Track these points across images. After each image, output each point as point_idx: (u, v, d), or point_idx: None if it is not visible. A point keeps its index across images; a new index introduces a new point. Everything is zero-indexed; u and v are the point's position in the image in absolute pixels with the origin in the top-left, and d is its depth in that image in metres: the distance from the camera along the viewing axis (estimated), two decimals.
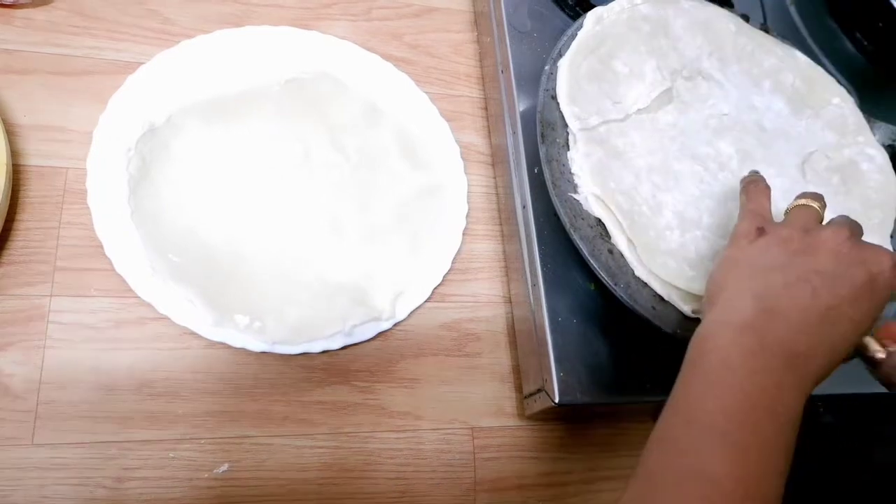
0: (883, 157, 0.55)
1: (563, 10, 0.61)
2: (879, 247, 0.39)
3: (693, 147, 0.52)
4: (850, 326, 0.37)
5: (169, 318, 0.47)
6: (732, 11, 0.61)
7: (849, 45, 0.67)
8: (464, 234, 0.57)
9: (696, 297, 0.47)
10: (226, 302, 0.49)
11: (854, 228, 0.40)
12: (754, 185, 0.44)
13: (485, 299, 0.57)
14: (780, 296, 0.36)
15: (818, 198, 0.43)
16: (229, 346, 0.48)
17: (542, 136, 0.50)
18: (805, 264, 0.37)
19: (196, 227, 0.51)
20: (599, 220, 0.48)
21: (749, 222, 0.41)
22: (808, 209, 0.41)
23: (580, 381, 0.48)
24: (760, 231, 0.40)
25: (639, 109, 0.51)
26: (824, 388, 0.52)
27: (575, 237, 0.47)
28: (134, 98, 0.52)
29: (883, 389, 0.47)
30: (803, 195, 0.43)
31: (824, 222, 0.41)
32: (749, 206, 0.43)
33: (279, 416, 0.49)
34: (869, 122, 0.57)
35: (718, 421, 0.34)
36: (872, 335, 0.42)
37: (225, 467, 0.47)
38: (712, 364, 0.36)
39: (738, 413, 0.34)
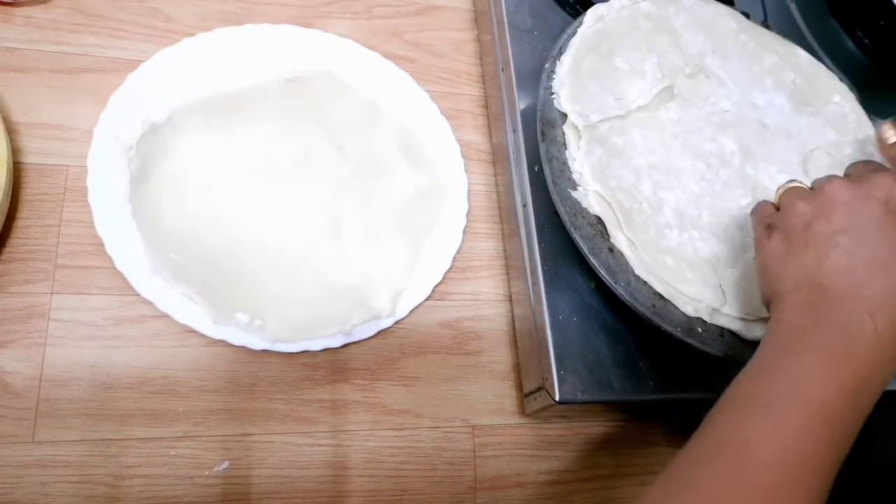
0: None
1: (563, 8, 0.61)
2: (873, 170, 0.38)
3: (696, 143, 0.52)
4: None
5: (169, 316, 0.47)
6: (733, 9, 0.61)
7: (849, 43, 0.67)
8: (464, 232, 0.57)
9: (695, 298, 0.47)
10: (226, 300, 0.49)
11: (846, 176, 0.39)
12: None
13: (485, 297, 0.57)
14: (821, 270, 0.36)
15: (800, 185, 0.42)
16: (230, 345, 0.48)
17: (543, 134, 0.50)
18: (825, 231, 0.37)
19: (197, 225, 0.51)
20: (599, 218, 0.47)
21: (759, 227, 0.42)
22: (794, 188, 0.41)
23: (580, 380, 0.48)
24: (769, 227, 0.41)
25: (639, 107, 0.51)
26: None
27: (575, 235, 0.47)
28: (135, 96, 0.52)
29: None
30: (787, 183, 0.42)
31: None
32: (755, 217, 0.43)
33: (280, 414, 0.49)
34: (870, 119, 0.57)
35: (766, 395, 0.34)
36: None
37: (225, 465, 0.47)
38: (767, 348, 0.36)
39: (784, 387, 0.34)
